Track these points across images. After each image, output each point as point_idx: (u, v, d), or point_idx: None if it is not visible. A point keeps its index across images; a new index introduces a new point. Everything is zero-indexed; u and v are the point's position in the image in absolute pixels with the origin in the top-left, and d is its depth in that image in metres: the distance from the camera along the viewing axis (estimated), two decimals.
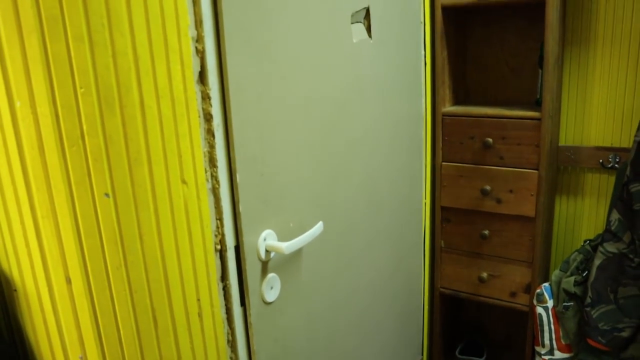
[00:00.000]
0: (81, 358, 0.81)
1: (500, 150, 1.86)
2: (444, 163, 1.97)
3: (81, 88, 0.72)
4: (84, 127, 0.73)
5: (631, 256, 1.67)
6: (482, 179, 1.91)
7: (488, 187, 1.89)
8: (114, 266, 0.78)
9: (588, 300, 1.74)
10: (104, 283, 0.78)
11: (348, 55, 1.30)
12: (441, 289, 2.13)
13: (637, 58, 1.85)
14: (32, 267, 0.80)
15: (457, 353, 2.20)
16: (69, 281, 0.77)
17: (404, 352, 1.90)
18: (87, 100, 0.72)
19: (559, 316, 1.86)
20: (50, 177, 0.72)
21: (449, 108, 1.97)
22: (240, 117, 0.95)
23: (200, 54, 0.89)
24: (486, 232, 1.95)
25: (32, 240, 0.77)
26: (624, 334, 1.69)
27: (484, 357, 2.16)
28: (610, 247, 1.72)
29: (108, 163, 0.76)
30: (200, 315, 0.94)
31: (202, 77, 0.90)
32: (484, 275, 2.00)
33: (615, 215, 1.71)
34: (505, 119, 1.82)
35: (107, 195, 0.76)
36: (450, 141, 1.94)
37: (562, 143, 2.05)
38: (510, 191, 1.87)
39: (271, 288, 1.08)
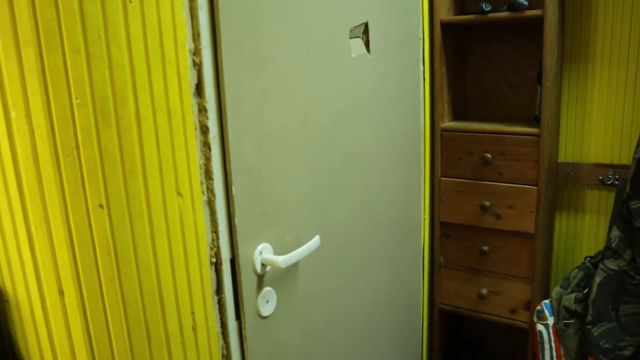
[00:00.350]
0: None
1: (499, 166, 1.85)
2: (442, 178, 1.97)
3: (77, 99, 0.72)
4: (79, 138, 0.73)
5: (632, 273, 1.66)
6: (481, 195, 1.91)
7: (487, 203, 1.88)
8: (107, 278, 0.78)
9: (589, 317, 1.73)
10: (97, 295, 0.77)
11: (346, 69, 1.31)
12: (441, 305, 2.12)
13: (636, 75, 1.86)
14: (25, 278, 0.79)
15: None
16: (61, 293, 0.76)
17: None
18: (82, 112, 0.72)
19: (559, 334, 1.84)
20: (45, 187, 0.72)
21: (448, 123, 1.98)
22: (236, 130, 0.95)
23: (197, 66, 0.89)
24: (485, 247, 1.95)
25: (25, 250, 0.77)
26: (626, 353, 1.67)
27: None
28: (611, 264, 1.71)
29: (103, 174, 0.75)
30: (194, 329, 0.93)
31: (198, 89, 0.90)
32: (484, 291, 1.99)
33: (615, 233, 1.70)
34: (504, 135, 1.82)
35: (101, 206, 0.76)
36: (449, 156, 1.94)
37: (561, 159, 2.05)
38: (510, 207, 1.86)
39: (267, 302, 1.07)
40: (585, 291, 1.78)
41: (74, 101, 0.72)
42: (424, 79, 1.86)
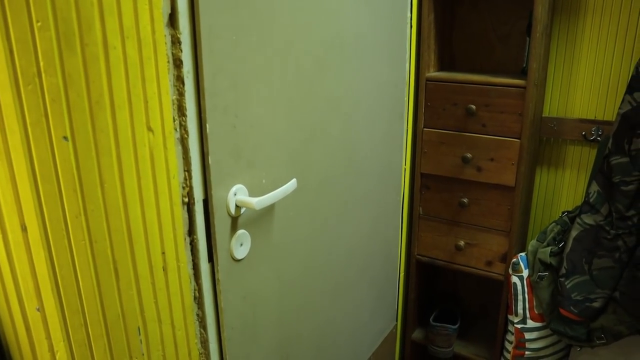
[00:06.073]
0: (38, 310, 0.78)
1: (483, 117, 1.83)
2: (425, 129, 1.95)
3: (38, 22, 0.67)
4: (41, 65, 0.68)
5: (607, 228, 1.67)
6: (463, 147, 1.89)
7: (469, 155, 1.87)
8: (73, 214, 0.75)
9: (563, 270, 1.75)
10: (62, 232, 0.74)
11: (329, 10, 1.25)
12: (418, 256, 2.13)
13: (626, 30, 1.83)
14: None
15: (431, 320, 2.21)
16: (24, 229, 0.73)
17: (378, 317, 1.90)
18: (44, 36, 0.68)
19: (533, 286, 1.87)
20: (4, 116, 0.68)
21: (433, 73, 1.94)
22: (212, 65, 0.91)
23: None
24: (465, 200, 1.94)
25: None
26: (596, 305, 1.71)
27: (457, 325, 2.18)
28: (588, 219, 1.72)
29: (67, 104, 0.71)
30: (165, 269, 0.91)
31: (172, 19, 0.85)
32: (461, 243, 2.00)
33: (594, 188, 1.71)
34: (489, 86, 1.79)
35: (65, 138, 0.72)
36: (433, 107, 1.91)
37: (545, 114, 2.03)
38: (491, 160, 1.85)
39: (241, 245, 1.05)
40: (560, 245, 1.80)
41: (34, 24, 0.66)
42: (411, 26, 1.81)
